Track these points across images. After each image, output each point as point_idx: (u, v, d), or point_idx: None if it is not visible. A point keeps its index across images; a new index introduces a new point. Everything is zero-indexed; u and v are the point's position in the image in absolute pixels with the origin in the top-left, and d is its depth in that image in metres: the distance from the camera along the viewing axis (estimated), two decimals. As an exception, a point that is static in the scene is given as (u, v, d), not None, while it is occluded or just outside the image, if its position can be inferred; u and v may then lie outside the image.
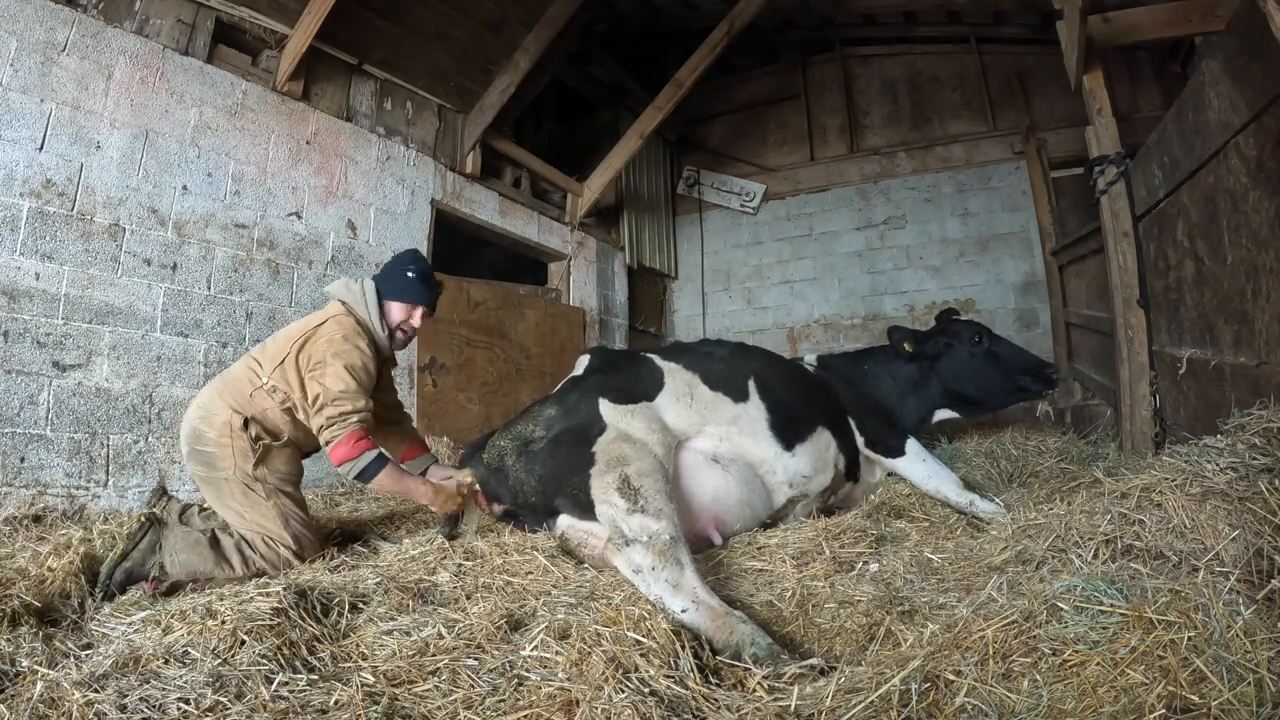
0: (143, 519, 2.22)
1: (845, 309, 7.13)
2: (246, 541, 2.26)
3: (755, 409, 2.66)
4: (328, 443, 2.30)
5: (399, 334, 2.60)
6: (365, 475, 2.28)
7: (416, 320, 2.59)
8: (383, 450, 2.35)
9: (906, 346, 3.50)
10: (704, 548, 2.33)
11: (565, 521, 2.34)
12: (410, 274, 2.56)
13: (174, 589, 2.09)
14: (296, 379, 2.38)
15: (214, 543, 2.22)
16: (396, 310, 2.57)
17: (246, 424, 2.34)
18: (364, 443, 2.29)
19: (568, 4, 5.20)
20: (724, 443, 2.54)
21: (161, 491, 2.57)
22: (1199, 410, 2.76)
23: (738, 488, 2.46)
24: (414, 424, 3.04)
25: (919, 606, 1.71)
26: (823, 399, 3.00)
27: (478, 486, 2.51)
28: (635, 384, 2.55)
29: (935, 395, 3.53)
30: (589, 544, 2.25)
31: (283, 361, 2.38)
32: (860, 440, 3.02)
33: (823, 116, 7.58)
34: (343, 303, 2.52)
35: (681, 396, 2.56)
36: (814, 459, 2.71)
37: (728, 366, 2.76)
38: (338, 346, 2.35)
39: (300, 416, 2.41)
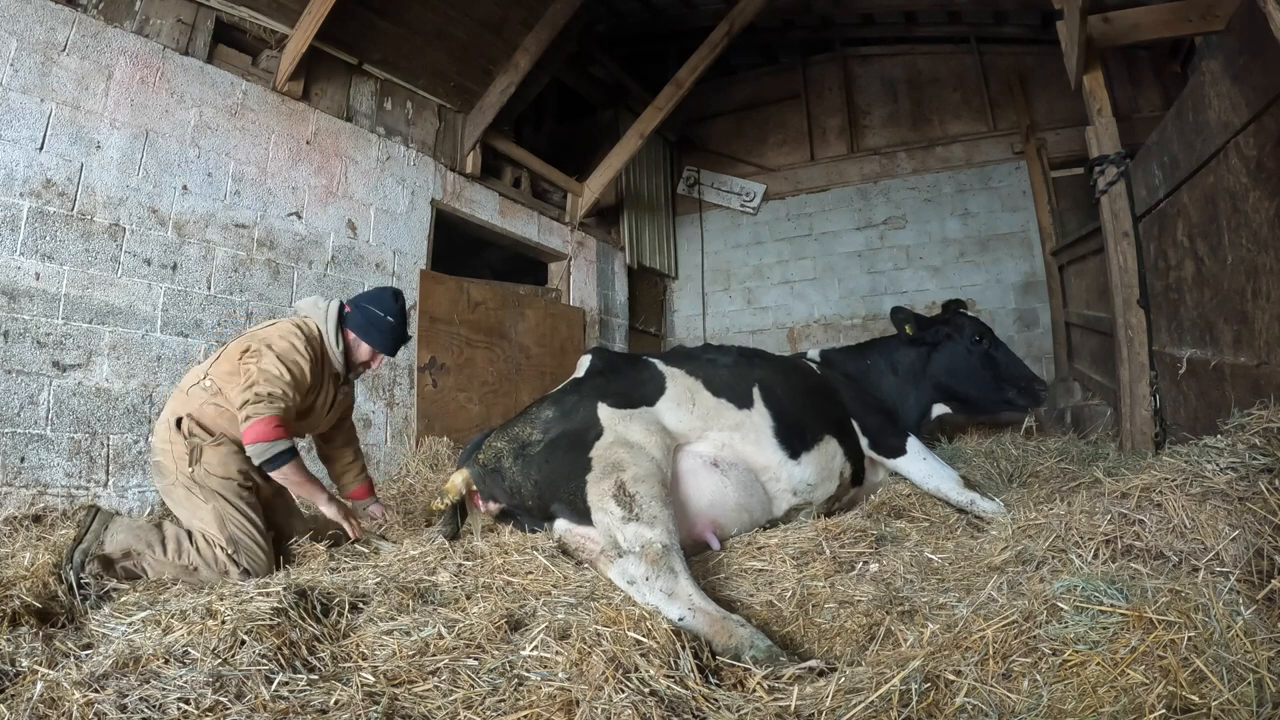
0: (88, 506, 2.29)
1: (845, 309, 7.13)
2: (189, 535, 2.25)
3: (759, 417, 2.63)
4: (246, 418, 2.23)
5: (358, 366, 2.68)
6: (274, 463, 2.25)
7: (376, 364, 2.71)
8: (295, 445, 2.34)
9: (908, 329, 3.50)
10: (701, 551, 2.32)
11: (562, 526, 2.34)
12: (389, 319, 2.63)
13: (107, 564, 2.13)
14: (234, 371, 2.37)
15: (156, 527, 2.26)
16: (357, 346, 2.64)
17: (180, 422, 2.32)
18: (281, 430, 2.26)
19: (568, 4, 5.20)
20: (725, 448, 2.52)
21: None
22: (1199, 410, 2.76)
23: (735, 492, 2.45)
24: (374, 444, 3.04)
25: (919, 606, 1.71)
26: (830, 406, 2.97)
27: (474, 486, 2.50)
28: (636, 388, 2.54)
29: (930, 387, 3.53)
30: (586, 548, 2.24)
31: (227, 359, 2.41)
32: (864, 442, 3.01)
33: (823, 116, 7.59)
34: (305, 317, 2.60)
35: (683, 402, 2.54)
36: (820, 468, 2.69)
37: (732, 373, 2.74)
38: (276, 340, 2.39)
39: (231, 410, 2.35)
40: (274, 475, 2.31)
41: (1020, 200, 6.53)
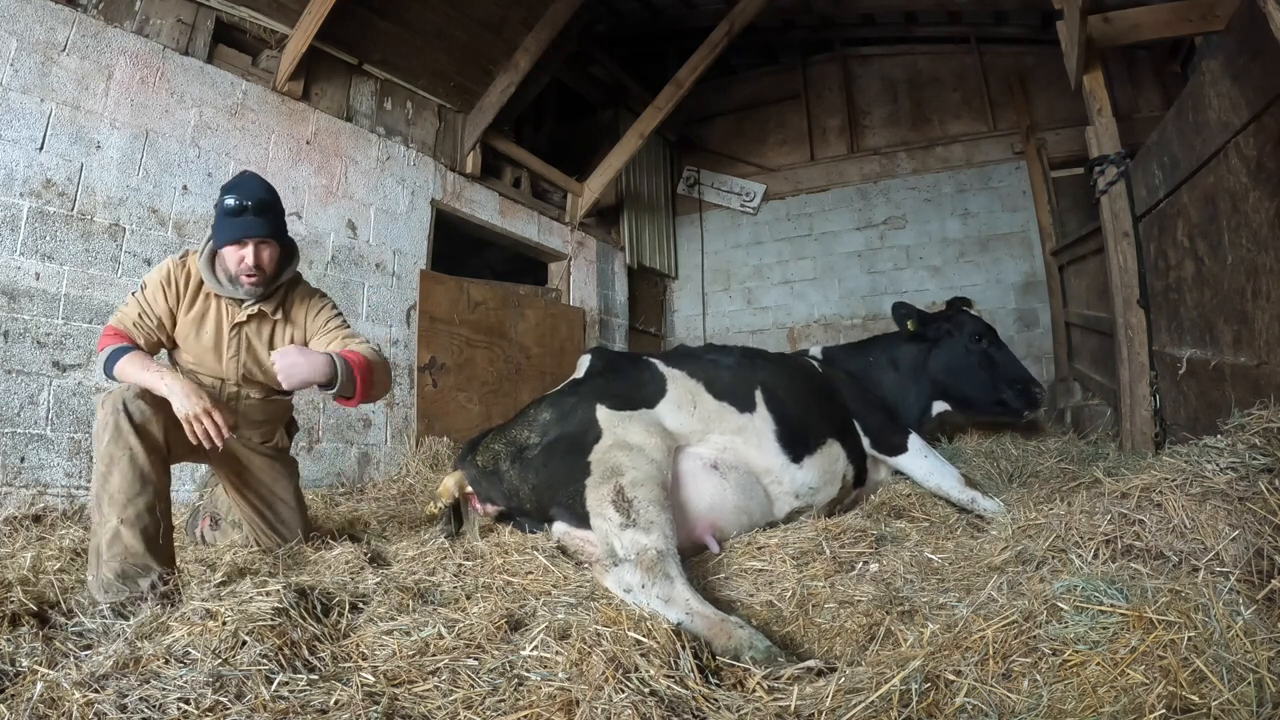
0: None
1: (845, 309, 7.13)
2: None
3: (762, 420, 2.62)
4: None
5: (243, 278, 2.21)
6: (107, 366, 2.07)
7: (245, 259, 2.17)
8: (128, 344, 2.09)
9: (910, 325, 3.50)
10: (700, 552, 2.32)
11: (561, 529, 2.33)
12: (222, 203, 2.16)
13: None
14: None
15: None
16: (222, 255, 2.22)
17: None
18: (108, 337, 2.11)
19: (568, 4, 5.21)
20: (726, 451, 2.50)
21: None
22: (1199, 410, 2.76)
23: (734, 495, 2.44)
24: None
25: (919, 606, 1.71)
26: (832, 408, 2.96)
27: (469, 488, 2.50)
28: (636, 390, 2.52)
29: (929, 383, 3.53)
30: (586, 551, 2.24)
31: None
32: (865, 441, 3.01)
33: (823, 116, 7.59)
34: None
35: (684, 405, 2.52)
36: (822, 471, 2.68)
37: (734, 375, 2.72)
38: None
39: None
40: (115, 379, 2.06)
41: (1020, 200, 6.53)
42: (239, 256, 2.17)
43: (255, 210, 2.15)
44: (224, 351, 2.29)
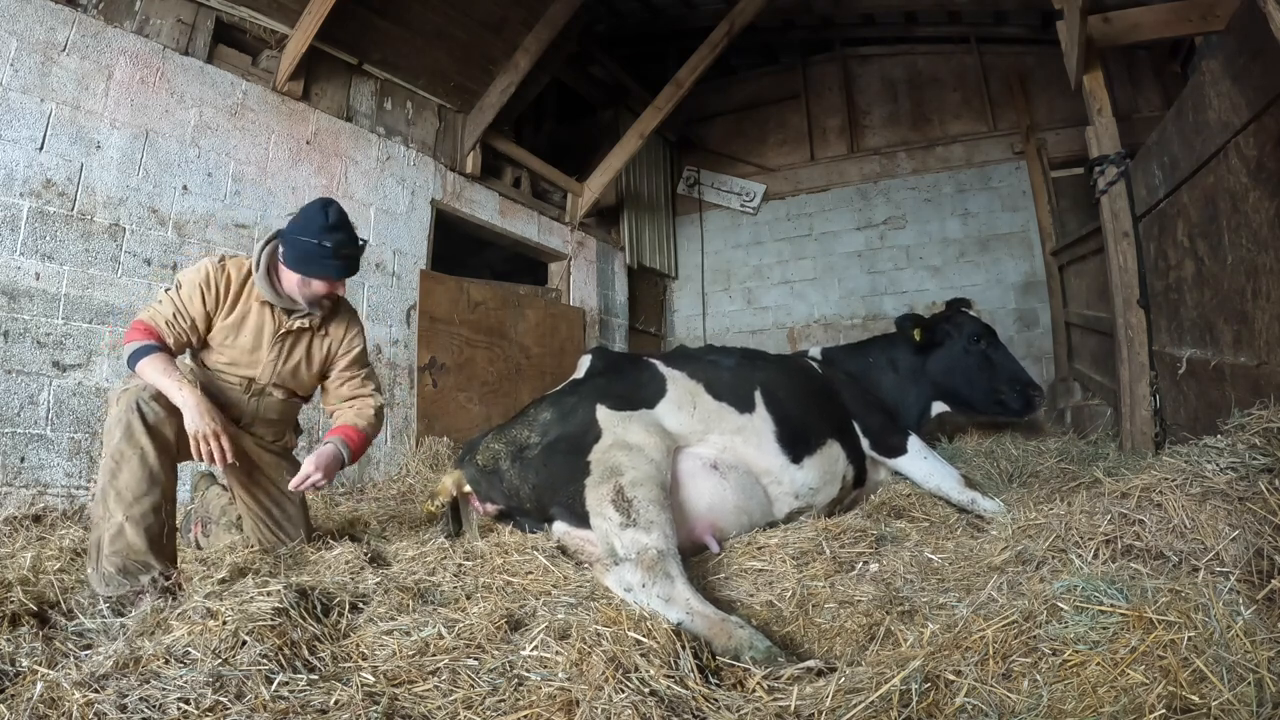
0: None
1: (845, 309, 7.13)
2: None
3: (761, 421, 2.61)
4: None
5: (312, 303, 2.34)
6: (131, 361, 2.09)
7: (320, 289, 2.30)
8: (155, 344, 2.11)
9: (916, 336, 3.49)
10: (700, 552, 2.32)
11: (561, 528, 2.33)
12: (315, 242, 2.23)
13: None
14: None
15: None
16: (290, 279, 2.29)
17: None
18: (139, 332, 2.12)
19: (568, 4, 5.21)
20: (726, 451, 2.50)
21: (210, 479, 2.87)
22: (1199, 410, 2.76)
23: (734, 495, 2.43)
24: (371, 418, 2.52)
25: (919, 606, 1.71)
26: (832, 409, 2.96)
27: (468, 487, 2.50)
28: (636, 390, 2.52)
29: (928, 384, 3.53)
30: (586, 550, 2.24)
31: None
32: (865, 443, 3.01)
33: (823, 116, 7.59)
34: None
35: (684, 405, 2.52)
36: (822, 472, 2.68)
37: (734, 376, 2.72)
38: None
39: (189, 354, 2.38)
40: (138, 374, 2.08)
41: (1020, 200, 6.53)
42: (323, 289, 2.31)
43: (350, 255, 2.32)
44: (264, 355, 2.36)
